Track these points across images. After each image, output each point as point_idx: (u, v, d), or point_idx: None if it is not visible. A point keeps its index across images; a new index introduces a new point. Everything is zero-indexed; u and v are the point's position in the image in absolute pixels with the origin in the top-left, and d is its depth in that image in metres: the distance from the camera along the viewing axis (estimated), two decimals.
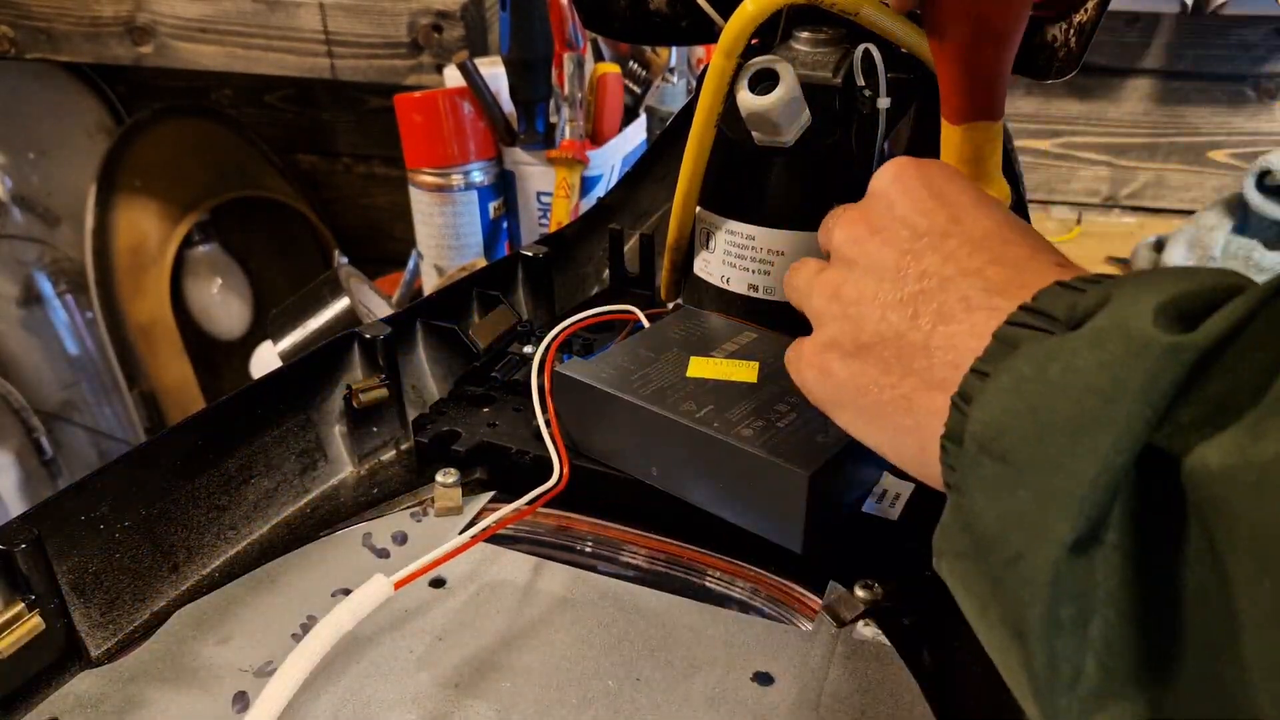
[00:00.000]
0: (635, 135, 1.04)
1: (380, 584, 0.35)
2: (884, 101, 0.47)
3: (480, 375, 0.50)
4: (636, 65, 1.03)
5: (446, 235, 1.01)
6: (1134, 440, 0.20)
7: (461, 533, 0.39)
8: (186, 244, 1.48)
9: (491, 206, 1.00)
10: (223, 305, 1.54)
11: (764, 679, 0.35)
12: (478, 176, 0.98)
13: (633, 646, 0.36)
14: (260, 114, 1.48)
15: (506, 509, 0.40)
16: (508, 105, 0.96)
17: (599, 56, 1.00)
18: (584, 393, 0.42)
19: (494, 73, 0.95)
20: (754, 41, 0.46)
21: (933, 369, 0.27)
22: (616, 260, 0.59)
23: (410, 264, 1.06)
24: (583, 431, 0.43)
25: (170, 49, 1.20)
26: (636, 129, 1.04)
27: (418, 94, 0.96)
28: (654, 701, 0.34)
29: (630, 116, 1.03)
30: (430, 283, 1.03)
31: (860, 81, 0.46)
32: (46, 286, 1.47)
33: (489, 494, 0.44)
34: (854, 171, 0.48)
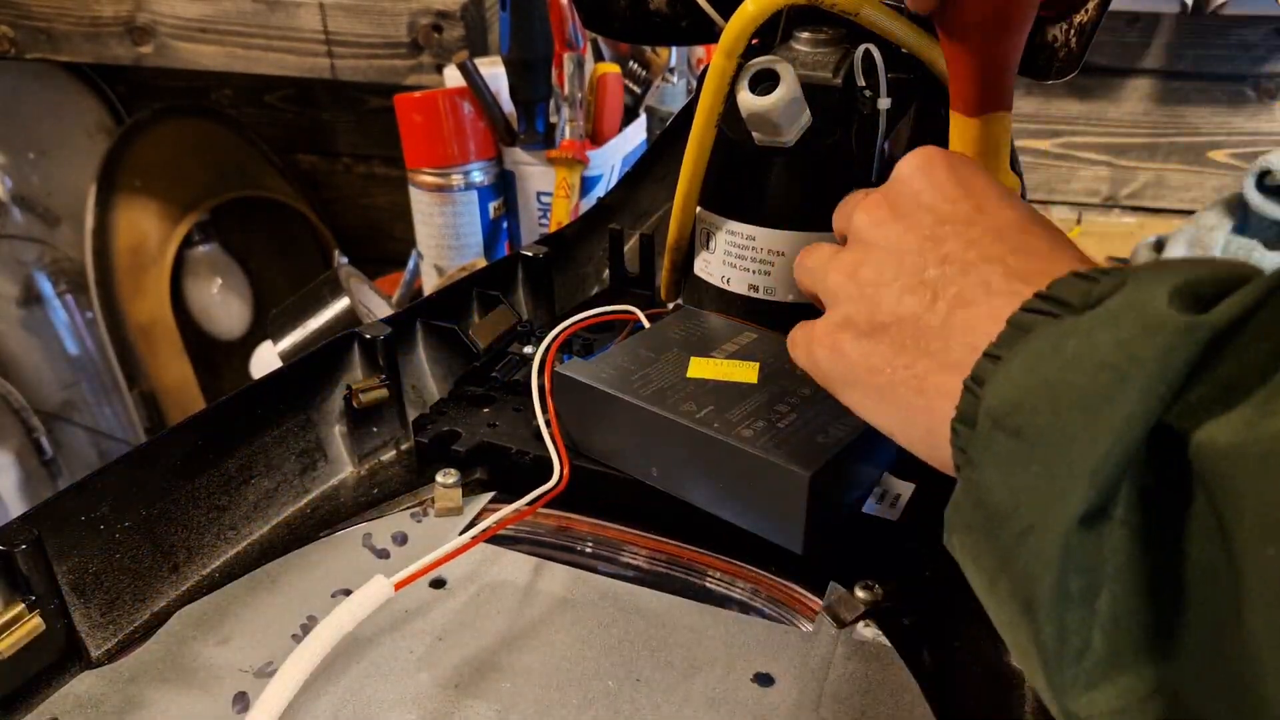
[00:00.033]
0: (635, 135, 1.03)
1: (380, 584, 0.35)
2: (884, 101, 0.47)
3: (480, 375, 0.50)
4: (636, 65, 1.03)
5: (446, 235, 1.00)
6: (1147, 416, 0.20)
7: (462, 533, 0.39)
8: (186, 244, 1.48)
9: (491, 206, 1.00)
10: (223, 305, 1.54)
11: (764, 679, 0.35)
12: (478, 176, 0.98)
13: (633, 647, 0.36)
14: (260, 114, 1.48)
15: (506, 509, 0.40)
16: (508, 105, 0.96)
17: (599, 56, 1.00)
18: (584, 393, 0.42)
19: (494, 73, 0.95)
20: (754, 41, 0.46)
21: (949, 350, 0.27)
22: (616, 260, 0.59)
23: (410, 264, 1.06)
24: (583, 432, 0.43)
25: (170, 49, 1.20)
26: (636, 129, 1.04)
27: (418, 94, 0.96)
28: (654, 702, 0.34)
29: (630, 116, 1.03)
30: (430, 283, 1.03)
31: (860, 81, 0.46)
32: (46, 286, 1.47)
33: (489, 494, 0.44)
34: (854, 171, 0.48)
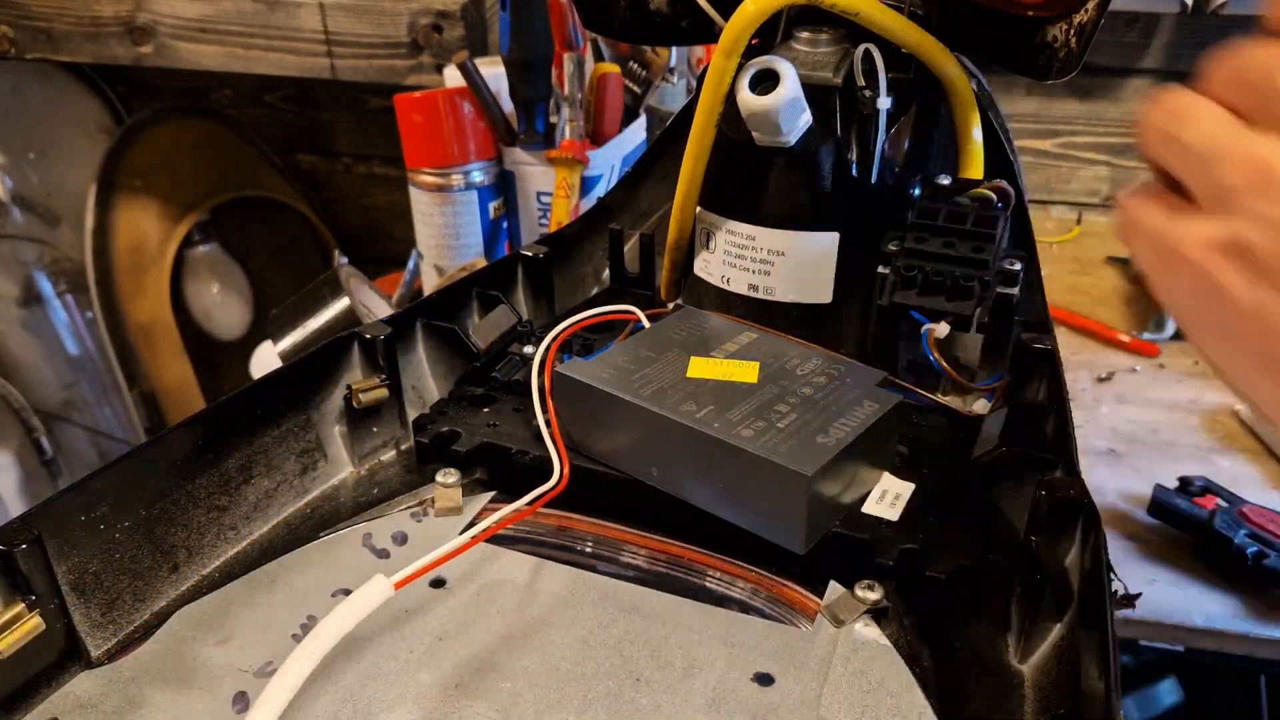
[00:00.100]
0: (635, 135, 1.03)
1: (380, 584, 0.35)
2: (884, 101, 0.47)
3: (480, 375, 0.50)
4: (636, 65, 1.03)
5: (446, 235, 1.00)
6: None
7: (461, 533, 0.39)
8: (186, 244, 1.48)
9: (491, 206, 1.00)
10: (223, 305, 1.54)
11: (764, 679, 0.35)
12: (478, 176, 0.98)
13: (633, 647, 0.36)
14: (260, 114, 1.48)
15: (506, 509, 0.40)
16: (508, 105, 0.96)
17: (599, 56, 1.00)
18: (584, 393, 0.42)
19: (494, 73, 0.95)
20: (754, 41, 0.46)
21: None
22: (616, 260, 0.59)
23: (410, 264, 1.06)
24: (583, 432, 0.43)
25: (170, 49, 1.20)
26: (636, 129, 1.04)
27: (418, 94, 0.96)
28: (654, 702, 0.34)
29: (630, 116, 1.03)
30: (430, 283, 1.03)
31: (860, 81, 0.46)
32: (46, 286, 1.47)
33: (489, 494, 0.44)
34: (854, 171, 0.48)
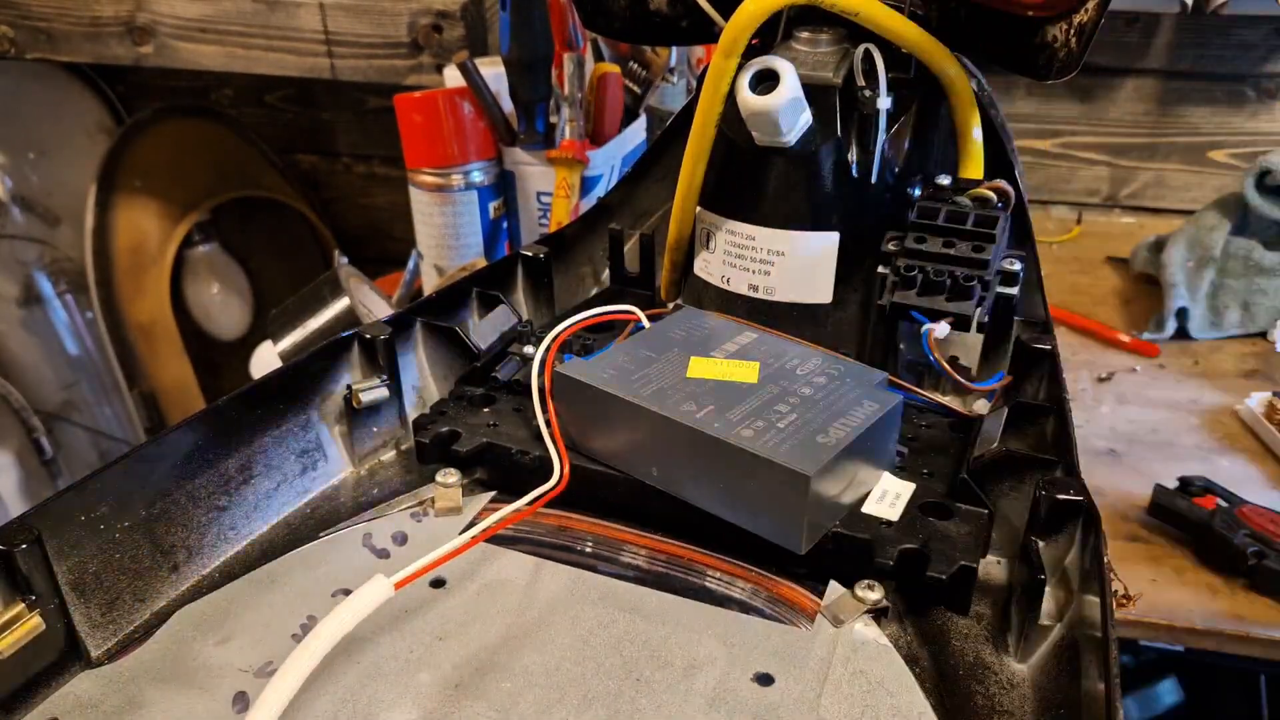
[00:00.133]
0: (635, 135, 1.03)
1: (380, 584, 0.35)
2: (884, 101, 0.47)
3: (480, 375, 0.50)
4: (636, 65, 1.03)
5: (446, 235, 1.00)
6: None
7: (461, 533, 0.39)
8: (186, 244, 1.48)
9: (491, 206, 1.00)
10: (223, 305, 1.54)
11: (764, 679, 0.35)
12: (478, 176, 0.98)
13: (633, 646, 0.36)
14: (260, 114, 1.48)
15: (506, 509, 0.40)
16: (508, 105, 0.96)
17: (599, 56, 1.00)
18: (584, 393, 0.42)
19: (494, 73, 0.95)
20: (754, 41, 0.46)
21: None
22: (616, 260, 0.59)
23: (410, 264, 1.06)
24: (583, 431, 0.43)
25: (170, 49, 1.20)
26: (636, 129, 1.04)
27: (418, 94, 0.96)
28: (654, 702, 0.34)
29: (630, 116, 1.03)
30: (430, 283, 1.03)
31: (860, 81, 0.46)
32: (46, 286, 1.47)
33: (489, 494, 0.44)
34: (854, 171, 0.48)
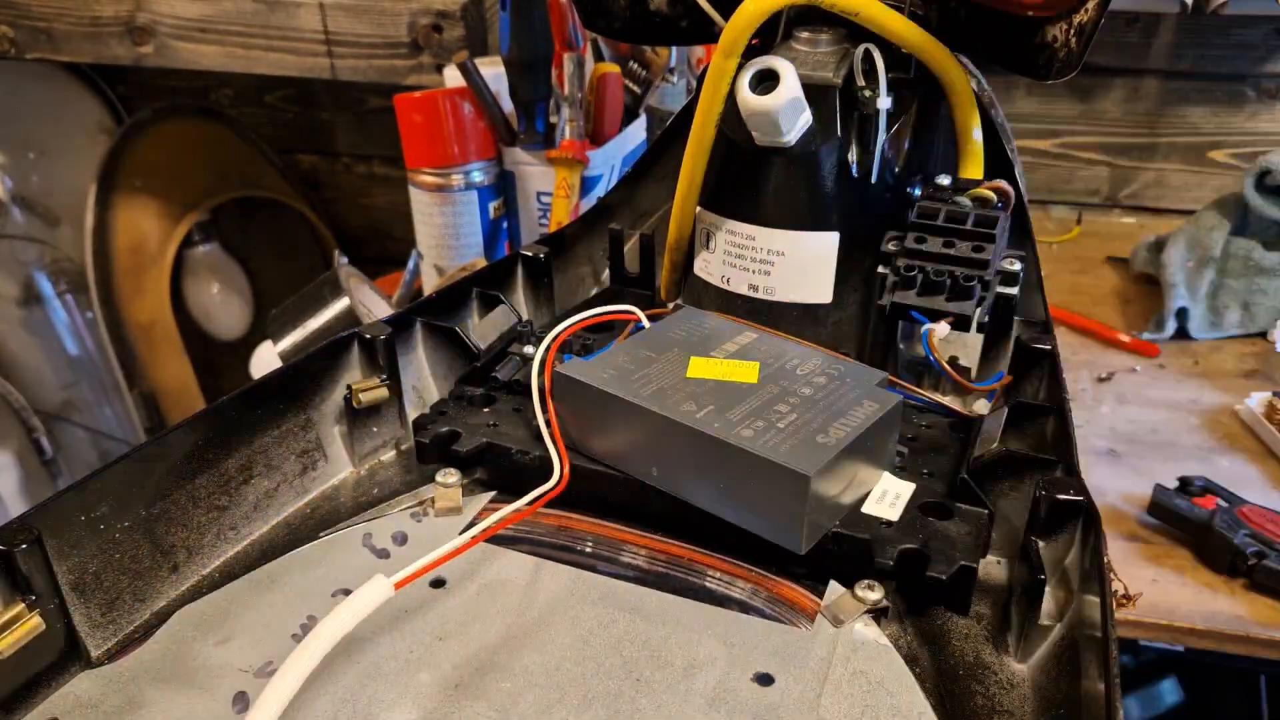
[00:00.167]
0: (635, 135, 1.03)
1: (380, 584, 0.35)
2: (884, 101, 0.47)
3: (480, 375, 0.50)
4: (636, 65, 1.03)
5: (446, 235, 1.00)
6: None
7: (461, 533, 0.39)
8: (186, 244, 1.48)
9: (491, 206, 1.00)
10: (223, 305, 1.54)
11: (764, 679, 0.35)
12: (478, 176, 0.98)
13: (633, 647, 0.36)
14: (260, 114, 1.48)
15: (506, 509, 0.40)
16: (508, 105, 0.96)
17: (599, 56, 1.00)
18: (584, 393, 0.42)
19: (494, 73, 0.95)
20: (754, 41, 0.46)
21: None
22: (616, 260, 0.59)
23: (410, 264, 1.06)
24: (583, 431, 0.43)
25: (170, 49, 1.20)
26: (636, 129, 1.04)
27: (418, 94, 0.96)
28: (654, 702, 0.34)
29: (630, 116, 1.03)
30: (430, 283, 1.03)
31: (860, 81, 0.46)
32: (46, 286, 1.47)
33: (489, 494, 0.44)
34: (854, 171, 0.49)
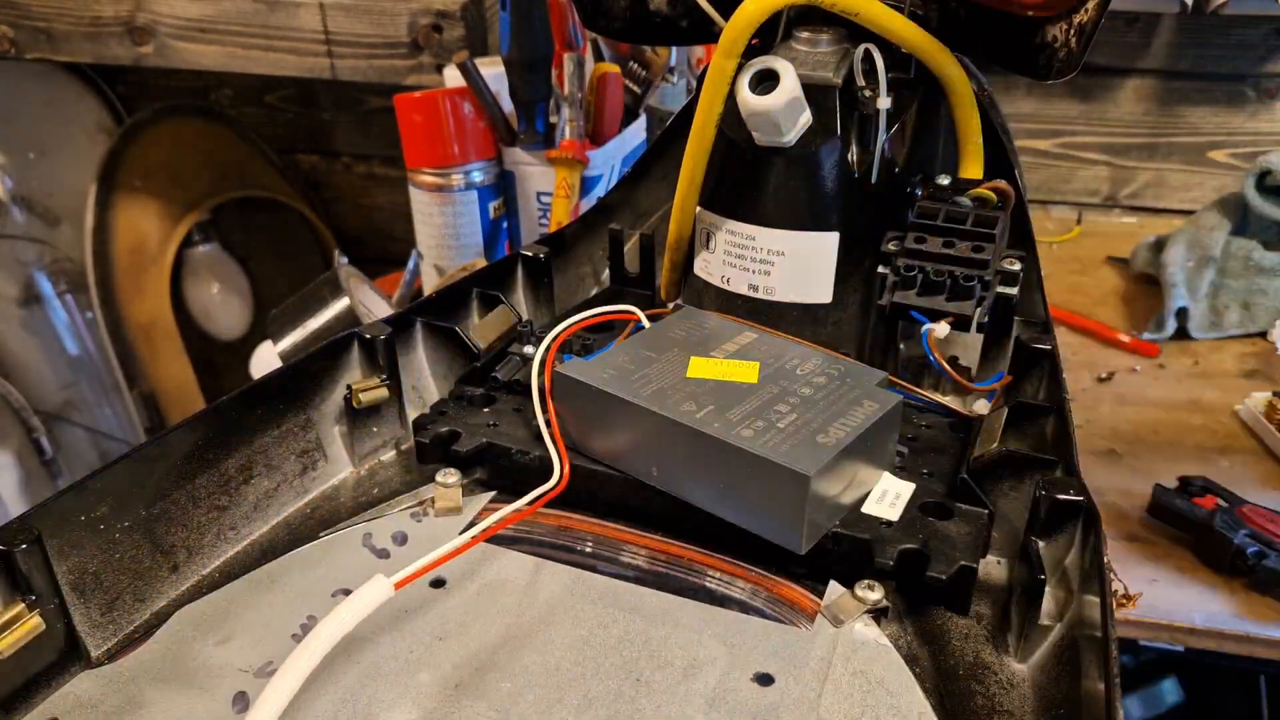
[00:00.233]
0: (635, 135, 1.03)
1: (380, 584, 0.35)
2: (884, 101, 0.47)
3: (480, 375, 0.50)
4: (636, 65, 1.03)
5: (446, 235, 1.00)
6: None
7: (462, 533, 0.39)
8: (186, 244, 1.48)
9: (491, 206, 1.00)
10: (223, 305, 1.54)
11: (764, 679, 0.35)
12: (478, 176, 0.98)
13: (633, 647, 0.36)
14: (260, 114, 1.48)
15: (506, 509, 0.40)
16: (508, 105, 0.96)
17: (599, 56, 1.00)
18: (584, 393, 0.42)
19: (494, 73, 0.95)
20: (754, 41, 0.46)
21: None
22: (616, 260, 0.59)
23: (410, 264, 1.06)
24: (583, 431, 0.43)
25: (170, 49, 1.20)
26: (636, 129, 1.04)
27: (418, 94, 0.96)
28: (654, 702, 0.34)
29: (630, 116, 1.03)
30: (430, 283, 1.03)
31: (860, 81, 0.46)
32: (46, 286, 1.47)
33: (489, 494, 0.44)
34: (854, 172, 0.49)
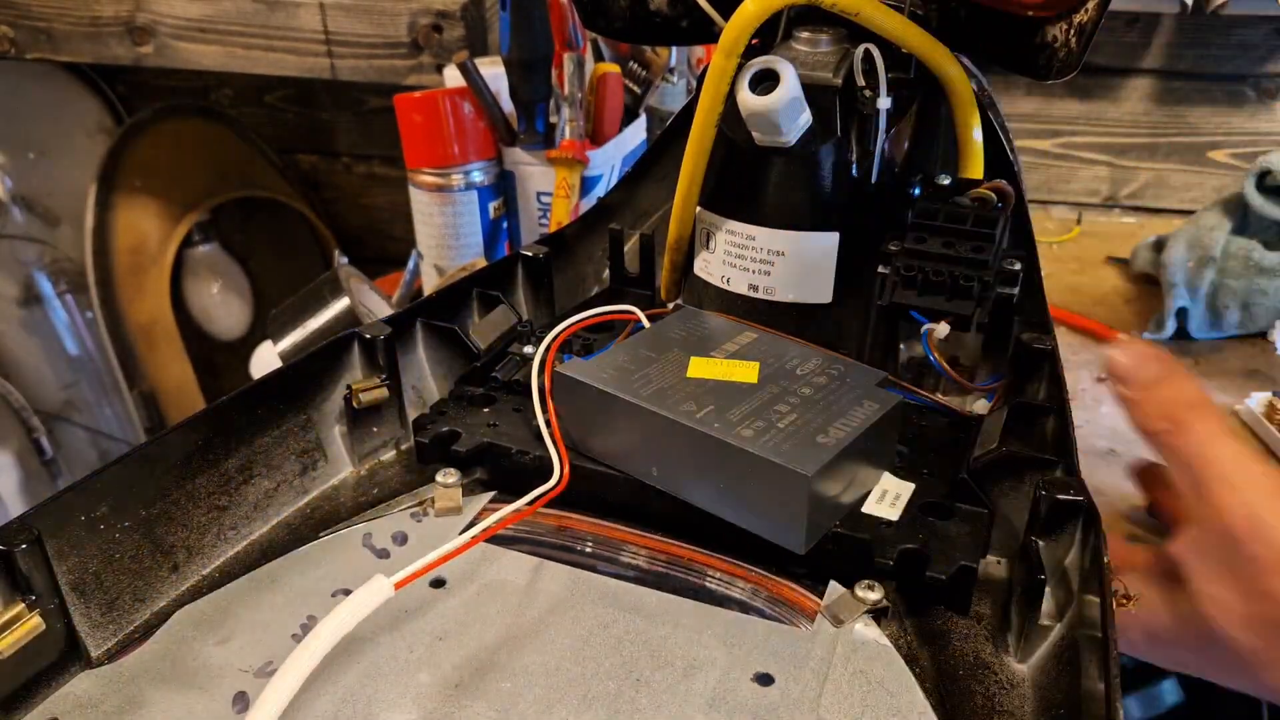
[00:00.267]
0: (635, 135, 1.03)
1: (380, 584, 0.35)
2: (884, 101, 0.47)
3: (480, 375, 0.50)
4: (636, 65, 1.03)
5: (446, 235, 1.00)
6: None
7: (461, 533, 0.39)
8: (186, 244, 1.48)
9: (491, 206, 1.00)
10: (223, 305, 1.54)
11: (764, 679, 0.35)
12: (478, 176, 0.98)
13: (633, 647, 0.36)
14: (260, 114, 1.48)
15: (506, 509, 0.40)
16: (508, 105, 0.96)
17: (599, 56, 1.00)
18: (584, 393, 0.42)
19: (494, 73, 0.95)
20: (754, 41, 0.46)
21: None
22: (616, 260, 0.59)
23: (410, 264, 1.06)
24: (583, 431, 0.43)
25: (170, 49, 1.20)
26: (636, 129, 1.04)
27: (418, 94, 0.96)
28: (654, 702, 0.34)
29: (630, 116, 1.03)
30: (430, 283, 1.03)
31: (860, 81, 0.46)
32: (46, 286, 1.47)
33: (489, 494, 0.44)
34: (854, 171, 0.49)
